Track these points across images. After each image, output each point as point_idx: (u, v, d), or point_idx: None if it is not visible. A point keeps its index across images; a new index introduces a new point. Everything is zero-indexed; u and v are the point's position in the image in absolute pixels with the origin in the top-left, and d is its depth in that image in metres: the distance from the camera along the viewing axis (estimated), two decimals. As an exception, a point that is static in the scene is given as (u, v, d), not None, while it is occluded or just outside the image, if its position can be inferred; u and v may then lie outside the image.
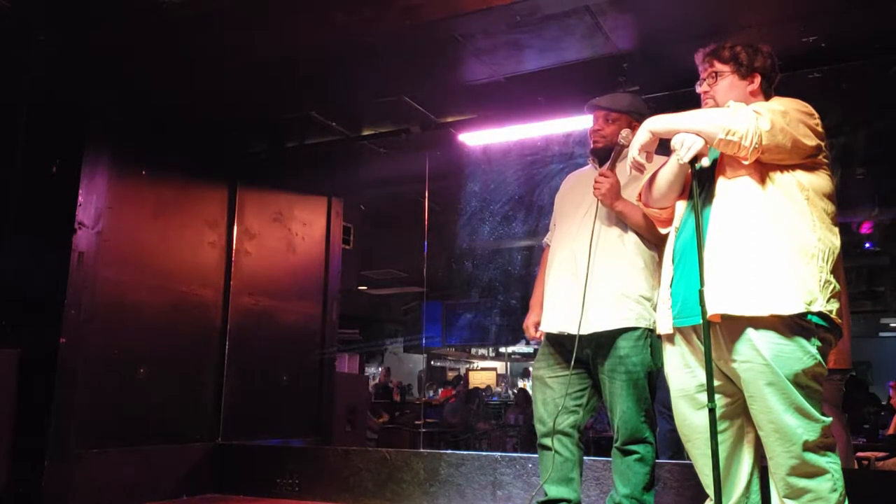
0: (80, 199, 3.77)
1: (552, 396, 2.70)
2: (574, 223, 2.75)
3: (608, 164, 2.67)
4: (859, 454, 5.02)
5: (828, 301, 2.00)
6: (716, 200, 2.12)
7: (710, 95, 2.25)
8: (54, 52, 3.81)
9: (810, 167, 2.08)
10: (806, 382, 1.97)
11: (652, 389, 2.64)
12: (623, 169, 2.51)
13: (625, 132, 2.60)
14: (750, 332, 1.99)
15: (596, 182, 2.62)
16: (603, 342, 2.60)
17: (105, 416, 3.87)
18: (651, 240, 2.63)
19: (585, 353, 2.64)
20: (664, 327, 2.22)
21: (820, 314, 1.99)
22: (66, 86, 3.90)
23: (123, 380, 4.03)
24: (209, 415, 4.61)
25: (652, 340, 2.58)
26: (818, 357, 1.99)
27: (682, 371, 2.17)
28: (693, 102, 2.34)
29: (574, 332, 2.58)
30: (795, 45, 3.40)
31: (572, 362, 2.60)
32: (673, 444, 4.01)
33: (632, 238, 2.65)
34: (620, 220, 2.65)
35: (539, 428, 2.72)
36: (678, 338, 2.18)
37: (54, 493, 3.52)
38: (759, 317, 1.97)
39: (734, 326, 2.02)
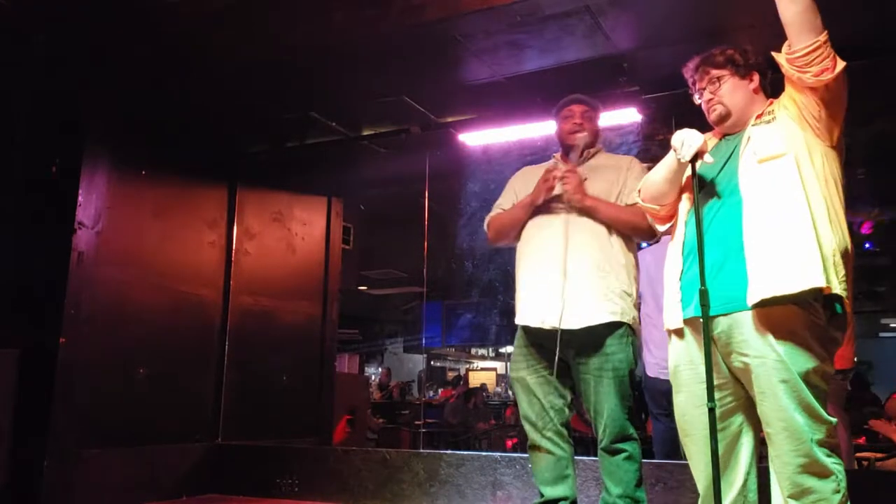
0: (80, 198, 3.77)
1: (538, 397, 2.67)
2: (549, 216, 2.72)
3: (575, 161, 2.73)
4: (859, 454, 5.02)
5: (843, 288, 2.00)
6: (746, 187, 2.09)
7: (717, 101, 2.23)
8: (54, 51, 3.81)
9: (838, 153, 2.10)
10: (815, 381, 1.96)
11: (633, 387, 2.64)
12: (581, 172, 2.67)
13: (582, 135, 2.75)
14: (766, 326, 1.98)
15: (564, 180, 2.66)
16: (588, 339, 2.58)
17: (105, 416, 3.87)
18: (625, 233, 2.68)
19: (567, 351, 2.61)
20: (673, 322, 2.21)
21: (838, 298, 1.99)
22: (66, 85, 3.90)
23: (123, 380, 4.03)
24: (209, 415, 4.61)
25: (633, 338, 2.62)
26: (827, 355, 1.99)
27: (687, 367, 2.17)
28: (693, 101, 2.34)
29: (559, 326, 2.56)
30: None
31: (556, 361, 2.57)
32: (667, 444, 4.02)
33: (613, 233, 2.67)
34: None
35: (529, 430, 2.70)
36: (688, 331, 2.18)
37: (54, 493, 3.52)
38: (778, 310, 1.96)
39: (750, 320, 2.01)
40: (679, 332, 2.21)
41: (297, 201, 5.49)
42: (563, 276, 2.59)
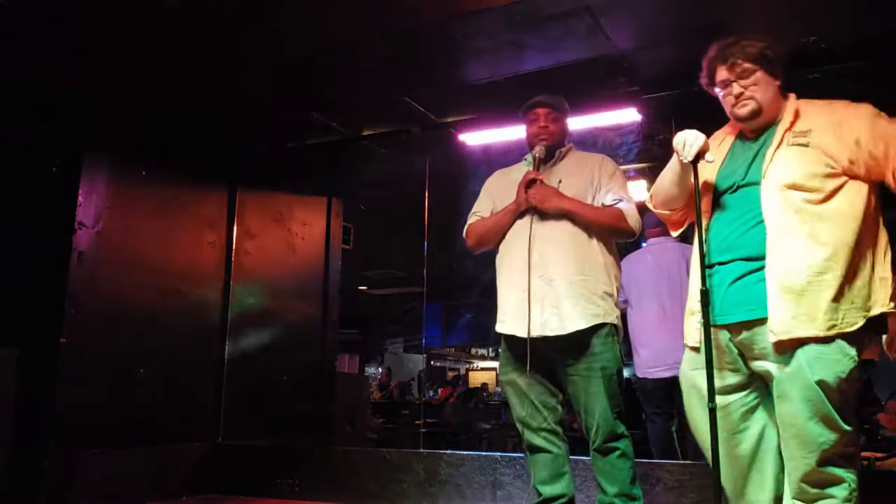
0: (80, 199, 3.77)
1: (530, 398, 2.67)
2: (528, 222, 2.70)
3: (540, 169, 2.73)
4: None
5: (879, 309, 1.95)
6: (769, 210, 2.01)
7: (750, 96, 2.11)
8: (55, 51, 3.81)
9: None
10: (841, 387, 1.91)
11: (621, 386, 2.65)
12: (554, 173, 2.70)
13: (538, 148, 2.75)
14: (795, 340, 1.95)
15: (529, 191, 2.66)
16: (574, 343, 2.58)
17: (105, 416, 3.86)
18: (604, 235, 2.67)
19: (554, 355, 2.61)
20: (692, 339, 2.16)
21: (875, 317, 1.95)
22: (67, 85, 3.90)
23: (123, 380, 4.02)
24: (209, 415, 4.60)
25: (617, 337, 2.62)
26: (856, 360, 1.93)
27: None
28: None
29: (543, 333, 2.56)
30: (795, 45, 3.40)
31: (528, 363, 2.57)
32: (663, 443, 4.03)
33: (592, 234, 2.66)
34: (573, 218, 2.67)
35: (523, 431, 2.70)
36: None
37: (54, 493, 3.52)
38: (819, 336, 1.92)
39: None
40: (697, 349, 2.16)
41: (297, 201, 5.49)
42: (544, 282, 2.59)
